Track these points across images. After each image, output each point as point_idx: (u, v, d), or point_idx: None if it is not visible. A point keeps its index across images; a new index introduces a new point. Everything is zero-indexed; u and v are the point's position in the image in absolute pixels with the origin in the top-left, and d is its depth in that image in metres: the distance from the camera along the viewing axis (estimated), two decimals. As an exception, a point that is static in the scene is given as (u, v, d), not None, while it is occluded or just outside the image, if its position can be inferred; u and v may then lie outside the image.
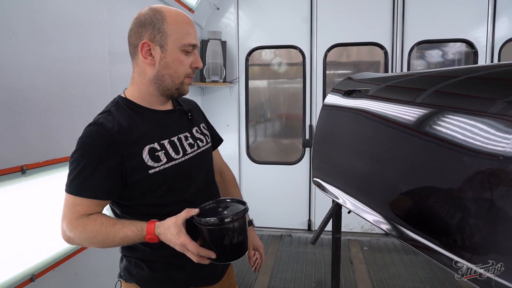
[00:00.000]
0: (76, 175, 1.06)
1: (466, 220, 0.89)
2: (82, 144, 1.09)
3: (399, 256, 3.70)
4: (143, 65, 1.15)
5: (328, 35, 4.15)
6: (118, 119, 1.11)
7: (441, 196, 0.97)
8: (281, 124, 4.84)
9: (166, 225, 1.05)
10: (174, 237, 1.04)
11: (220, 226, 1.04)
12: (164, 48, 1.11)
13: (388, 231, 1.16)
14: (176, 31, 1.11)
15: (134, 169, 1.09)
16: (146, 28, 1.11)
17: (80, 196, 1.06)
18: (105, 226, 1.06)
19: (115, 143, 1.07)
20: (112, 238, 1.06)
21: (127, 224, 1.07)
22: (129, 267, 1.22)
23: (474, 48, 3.92)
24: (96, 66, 2.30)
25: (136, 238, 1.06)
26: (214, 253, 1.06)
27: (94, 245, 1.10)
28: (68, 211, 1.07)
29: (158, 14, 1.11)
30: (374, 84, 1.52)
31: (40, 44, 1.82)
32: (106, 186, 1.08)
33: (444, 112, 1.03)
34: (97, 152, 1.07)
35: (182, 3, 3.57)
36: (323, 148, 1.77)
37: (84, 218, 1.07)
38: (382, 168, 1.27)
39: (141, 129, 1.13)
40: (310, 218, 4.39)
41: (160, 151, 1.13)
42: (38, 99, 1.81)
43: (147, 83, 1.16)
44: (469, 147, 0.88)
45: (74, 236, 1.07)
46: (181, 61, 1.13)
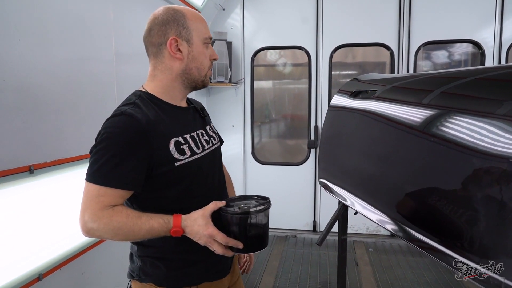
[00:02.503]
0: (102, 165, 1.03)
1: (474, 222, 0.88)
2: (109, 134, 1.06)
3: (405, 258, 3.68)
4: (169, 61, 1.19)
5: (334, 35, 4.14)
6: (145, 111, 1.11)
7: (449, 198, 0.97)
8: (286, 124, 4.84)
9: (193, 217, 1.07)
10: (202, 228, 1.05)
11: (250, 215, 1.08)
12: (190, 42, 1.17)
13: (395, 232, 1.15)
14: (197, 26, 1.18)
15: (162, 161, 1.10)
16: (170, 26, 1.16)
17: (106, 186, 1.03)
18: (131, 218, 1.04)
19: (145, 133, 1.07)
20: (138, 231, 1.04)
21: (152, 216, 1.06)
22: (144, 267, 1.20)
23: (481, 49, 3.89)
24: (103, 67, 2.31)
25: (162, 231, 1.06)
26: (241, 243, 1.08)
27: (117, 237, 1.06)
28: (91, 202, 1.03)
29: (178, 12, 1.17)
30: (381, 85, 1.52)
31: (47, 46, 1.84)
32: (134, 176, 1.06)
33: (451, 114, 1.03)
34: (126, 142, 1.06)
35: (188, 3, 3.58)
36: (330, 149, 1.77)
37: (109, 209, 1.04)
38: (389, 169, 1.26)
39: (165, 122, 1.14)
40: (315, 219, 4.38)
41: (184, 145, 1.16)
42: (46, 99, 1.82)
43: (173, 79, 1.20)
44: (478, 149, 0.88)
45: (98, 227, 1.02)
46: (204, 53, 1.20)
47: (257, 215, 1.09)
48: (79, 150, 2.05)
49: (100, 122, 2.26)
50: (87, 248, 2.10)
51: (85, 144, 2.11)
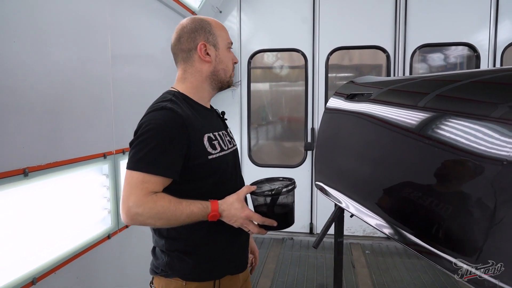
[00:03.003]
0: (146, 154, 1.11)
1: (469, 225, 0.88)
2: (153, 125, 1.14)
3: (402, 260, 3.68)
4: (199, 64, 1.31)
5: (330, 38, 4.16)
6: (182, 107, 1.21)
7: (445, 200, 0.97)
8: (283, 127, 4.84)
9: (229, 202, 1.17)
10: (238, 211, 1.16)
11: (281, 195, 1.17)
12: (217, 47, 1.31)
13: (390, 236, 1.15)
14: (220, 33, 1.33)
15: (197, 154, 1.19)
16: (198, 33, 1.30)
17: (150, 173, 1.10)
18: (173, 203, 1.11)
19: (185, 126, 1.16)
20: (179, 215, 1.11)
21: (192, 202, 1.14)
22: (171, 262, 1.26)
23: (476, 51, 3.92)
24: (99, 68, 2.30)
25: (200, 216, 1.14)
26: (275, 221, 1.18)
27: (160, 222, 1.12)
28: (136, 189, 1.09)
29: (204, 21, 1.32)
30: (377, 88, 1.52)
31: (43, 47, 1.83)
32: (174, 165, 1.15)
33: (447, 117, 1.03)
34: (169, 133, 1.14)
35: (185, 6, 3.58)
36: (326, 152, 1.77)
37: (153, 195, 1.10)
38: (385, 172, 1.26)
39: (198, 119, 1.24)
40: (312, 221, 4.38)
41: (215, 141, 1.26)
42: (41, 101, 1.81)
43: (203, 80, 1.32)
44: (473, 151, 0.88)
45: (142, 212, 1.08)
46: (228, 57, 1.35)
47: (287, 194, 1.19)
48: (75, 153, 2.04)
49: (96, 124, 2.27)
50: (82, 251, 2.09)
51: (81, 147, 2.12)
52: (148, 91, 3.00)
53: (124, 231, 2.53)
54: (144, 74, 2.93)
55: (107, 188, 2.36)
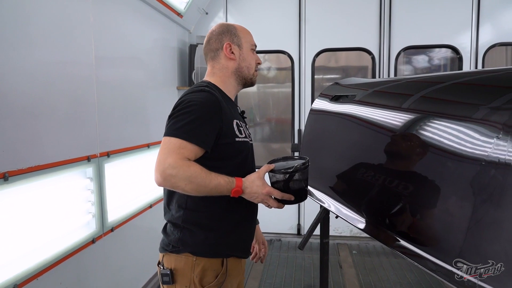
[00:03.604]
0: (186, 124, 1.23)
1: (450, 225, 0.89)
2: (195, 101, 1.28)
3: (388, 260, 3.72)
4: (225, 62, 1.48)
5: (317, 40, 4.18)
6: (216, 93, 1.35)
7: (426, 201, 0.98)
8: (270, 128, 4.85)
9: (251, 179, 1.27)
10: (260, 188, 1.25)
11: (298, 171, 1.26)
12: (241, 47, 1.48)
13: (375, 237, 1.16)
14: (245, 36, 1.50)
15: (227, 134, 1.32)
16: (225, 35, 1.47)
17: (187, 141, 1.21)
18: (204, 171, 1.20)
19: (220, 107, 1.30)
20: (208, 182, 1.20)
21: (219, 175, 1.23)
22: (184, 237, 1.35)
23: (459, 53, 3.99)
24: (82, 70, 2.27)
25: (225, 189, 1.23)
26: (292, 196, 1.28)
27: (190, 186, 1.20)
28: (173, 152, 1.19)
29: (230, 26, 1.50)
30: (361, 89, 1.53)
31: (24, 48, 1.79)
32: (209, 138, 1.27)
33: (429, 118, 1.04)
34: (208, 110, 1.28)
35: (171, 8, 3.56)
36: (311, 152, 1.77)
37: (187, 160, 1.20)
38: (367, 173, 1.27)
39: (228, 107, 1.38)
40: (299, 222, 4.39)
41: (241, 127, 1.40)
42: (22, 103, 1.77)
43: (229, 75, 1.48)
44: (454, 152, 0.89)
45: (177, 173, 1.17)
46: (251, 56, 1.50)
47: (302, 171, 1.28)
48: (57, 156, 2.00)
49: (79, 127, 2.24)
50: (66, 256, 2.05)
51: (64, 150, 2.09)
52: (133, 93, 2.98)
53: (109, 235, 2.50)
54: (129, 76, 2.90)
55: (92, 191, 2.32)
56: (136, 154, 2.93)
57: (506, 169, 0.75)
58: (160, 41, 3.61)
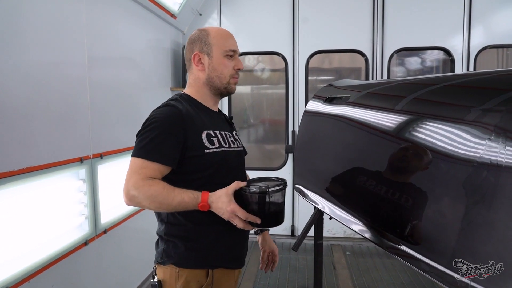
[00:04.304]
0: (147, 143, 1.24)
1: (442, 226, 0.90)
2: (156, 119, 1.28)
3: (381, 261, 3.73)
4: (196, 72, 1.44)
5: (310, 42, 4.20)
6: (185, 106, 1.35)
7: (419, 202, 0.99)
8: (264, 129, 4.85)
9: (218, 195, 1.23)
10: (225, 204, 1.21)
11: (267, 194, 1.21)
12: (211, 56, 1.41)
13: (367, 238, 1.17)
14: (218, 41, 1.42)
15: (194, 147, 1.30)
16: (195, 44, 1.43)
17: (149, 160, 1.23)
18: (166, 189, 1.21)
19: (184, 121, 1.29)
20: (171, 200, 1.20)
21: (184, 191, 1.23)
22: (167, 249, 1.35)
23: (451, 55, 4.03)
24: (75, 71, 2.25)
25: (191, 204, 1.22)
26: (259, 218, 1.23)
27: (153, 205, 1.22)
28: (135, 173, 1.22)
29: (203, 31, 1.43)
30: (355, 91, 1.54)
31: (16, 49, 1.78)
32: (172, 154, 1.26)
33: (422, 119, 1.05)
34: (169, 126, 1.27)
35: (165, 9, 3.55)
36: (305, 154, 1.78)
37: (149, 180, 1.21)
38: (361, 174, 1.28)
39: (200, 117, 1.37)
40: (293, 223, 4.40)
41: (214, 137, 1.37)
42: (14, 104, 1.76)
43: (202, 86, 1.45)
44: (447, 153, 0.90)
45: (138, 194, 1.20)
46: (225, 64, 1.42)
47: (274, 194, 1.23)
48: (50, 157, 1.99)
49: (72, 128, 2.22)
50: (58, 258, 2.03)
51: (56, 151, 2.07)
52: (126, 94, 2.96)
53: (102, 237, 2.48)
54: (122, 77, 2.88)
55: (84, 193, 2.31)
56: (130, 155, 2.91)
57: (498, 171, 0.76)
58: (153, 42, 3.59)
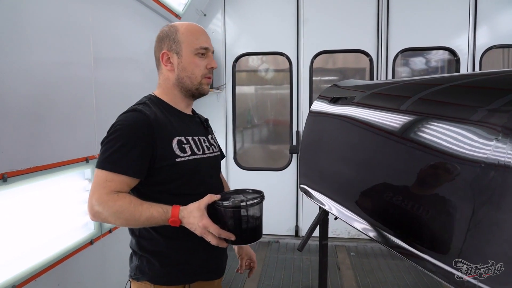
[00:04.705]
0: (112, 153, 1.15)
1: (449, 226, 0.90)
2: (121, 126, 1.19)
3: (386, 262, 3.72)
4: (165, 72, 1.34)
5: (315, 42, 4.20)
6: (154, 110, 1.25)
7: (425, 202, 0.98)
8: (268, 130, 4.85)
9: (190, 209, 1.14)
10: (196, 219, 1.12)
11: (242, 208, 1.12)
12: (180, 54, 1.30)
13: (374, 238, 1.16)
14: (188, 38, 1.30)
15: (164, 155, 1.20)
16: (164, 42, 1.32)
17: (114, 172, 1.14)
18: (133, 204, 1.12)
19: (152, 128, 1.19)
20: (138, 216, 1.12)
21: (153, 205, 1.14)
22: (141, 265, 1.27)
23: (456, 56, 4.01)
24: (81, 71, 2.27)
25: (160, 220, 1.13)
26: (233, 235, 1.14)
27: (119, 221, 1.14)
28: (99, 187, 1.13)
29: (172, 28, 1.32)
30: (360, 91, 1.54)
31: (23, 49, 1.79)
32: (139, 165, 1.17)
33: (428, 120, 1.05)
34: (135, 134, 1.17)
35: (169, 9, 3.56)
36: (310, 154, 1.78)
37: (114, 194, 1.13)
38: (367, 174, 1.28)
39: (171, 123, 1.27)
40: (297, 224, 4.40)
41: (186, 144, 1.27)
42: (21, 104, 1.77)
43: (172, 87, 1.34)
44: (453, 154, 0.90)
45: (102, 210, 1.11)
46: (196, 63, 1.31)
47: (249, 208, 1.13)
48: (56, 157, 2.00)
49: (78, 128, 2.23)
50: (64, 257, 2.04)
51: (62, 151, 2.08)
52: (131, 94, 2.96)
53: (107, 236, 2.49)
54: (127, 77, 2.90)
55: (90, 192, 2.32)
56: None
57: (506, 171, 0.76)
58: (158, 43, 3.60)
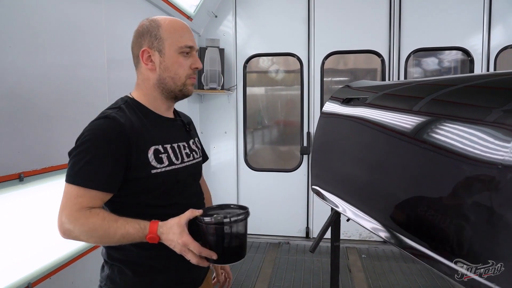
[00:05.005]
0: (82, 166, 1.04)
1: (465, 228, 0.89)
2: (91, 136, 1.07)
3: (398, 264, 3.68)
4: (145, 71, 1.21)
5: (326, 42, 4.18)
6: (129, 116, 1.14)
7: (441, 204, 0.97)
8: (278, 131, 4.85)
9: (169, 225, 1.05)
10: (176, 236, 1.03)
11: (225, 225, 1.04)
12: (162, 53, 1.18)
13: (387, 239, 1.16)
14: (171, 35, 1.18)
15: (138, 166, 1.10)
16: (144, 37, 1.19)
17: (85, 187, 1.04)
18: (107, 221, 1.03)
19: (126, 137, 1.08)
20: (113, 234, 1.03)
21: (129, 221, 1.05)
22: (112, 274, 1.18)
23: (470, 56, 3.95)
24: (94, 73, 2.30)
25: (137, 237, 1.04)
26: (215, 253, 1.05)
27: (92, 240, 1.07)
28: (69, 202, 1.04)
29: (154, 22, 1.19)
30: (372, 92, 1.53)
31: (39, 51, 1.83)
32: (113, 178, 1.07)
33: (442, 121, 1.04)
34: (107, 145, 1.07)
35: (181, 11, 3.59)
36: (322, 155, 1.78)
37: (86, 210, 1.04)
38: (380, 176, 1.27)
39: (148, 130, 1.16)
40: (308, 225, 4.38)
41: (163, 154, 1.16)
42: (37, 106, 1.81)
43: (152, 88, 1.22)
44: (468, 155, 0.89)
45: (73, 228, 1.03)
46: (179, 63, 1.19)
47: (233, 225, 1.05)
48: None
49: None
50: (78, 256, 2.07)
51: (76, 151, 2.11)
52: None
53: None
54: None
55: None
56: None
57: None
58: (170, 44, 3.63)
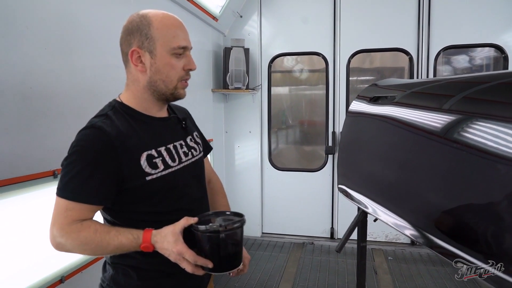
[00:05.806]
0: (70, 179, 1.02)
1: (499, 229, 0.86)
2: (78, 147, 1.04)
3: (426, 267, 3.59)
4: (135, 72, 1.15)
5: (351, 41, 4.13)
6: (116, 124, 1.09)
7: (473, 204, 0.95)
8: (303, 130, 4.83)
9: (163, 233, 1.03)
10: (171, 245, 1.01)
11: (220, 233, 1.03)
12: (153, 54, 1.10)
13: (416, 239, 1.13)
14: (163, 35, 1.10)
15: (132, 175, 1.07)
16: (134, 36, 1.11)
17: (74, 201, 1.02)
18: (99, 233, 1.02)
19: (114, 147, 1.04)
20: (105, 246, 1.02)
21: (122, 231, 1.04)
22: (116, 276, 1.16)
23: (504, 53, 3.79)
24: (123, 73, 2.35)
25: (131, 247, 1.03)
26: (211, 262, 1.04)
27: (86, 253, 1.08)
28: (60, 216, 1.02)
29: (144, 19, 1.10)
30: (401, 90, 1.50)
31: (72, 53, 1.90)
32: (102, 191, 1.04)
33: (473, 119, 1.01)
34: (94, 156, 1.03)
35: (206, 11, 3.63)
36: (349, 155, 1.76)
37: (77, 223, 1.02)
38: (410, 175, 1.24)
39: (138, 135, 1.11)
40: (333, 226, 4.34)
41: (157, 158, 1.12)
42: (69, 106, 1.87)
43: (142, 90, 1.16)
44: (501, 154, 0.86)
45: (65, 242, 1.02)
46: (172, 65, 1.12)
47: (228, 233, 1.04)
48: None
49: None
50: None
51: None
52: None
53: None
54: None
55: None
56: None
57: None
58: (196, 45, 3.67)
